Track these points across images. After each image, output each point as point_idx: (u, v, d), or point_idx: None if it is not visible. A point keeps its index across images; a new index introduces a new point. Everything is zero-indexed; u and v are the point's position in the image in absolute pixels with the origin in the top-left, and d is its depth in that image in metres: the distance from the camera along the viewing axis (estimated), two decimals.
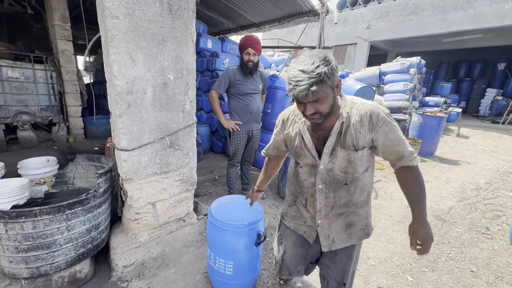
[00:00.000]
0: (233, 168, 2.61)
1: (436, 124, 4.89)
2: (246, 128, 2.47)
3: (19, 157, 3.71)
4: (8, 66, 3.73)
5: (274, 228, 2.30)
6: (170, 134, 1.86)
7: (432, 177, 3.94)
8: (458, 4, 8.68)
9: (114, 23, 1.44)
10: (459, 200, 3.16)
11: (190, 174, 2.10)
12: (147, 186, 1.84)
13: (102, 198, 1.67)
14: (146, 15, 1.55)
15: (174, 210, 2.08)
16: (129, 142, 1.65)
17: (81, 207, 1.51)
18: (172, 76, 1.78)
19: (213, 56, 4.29)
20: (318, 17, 4.28)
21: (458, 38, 10.05)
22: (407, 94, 6.90)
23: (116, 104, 1.56)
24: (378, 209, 2.82)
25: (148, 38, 1.59)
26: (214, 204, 1.58)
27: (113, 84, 1.53)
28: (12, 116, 3.90)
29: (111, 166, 1.82)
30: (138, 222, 1.87)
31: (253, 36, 2.31)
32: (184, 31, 1.77)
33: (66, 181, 2.06)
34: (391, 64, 7.74)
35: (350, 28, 11.66)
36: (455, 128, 8.12)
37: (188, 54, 1.83)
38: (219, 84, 2.33)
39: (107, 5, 1.39)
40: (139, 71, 1.60)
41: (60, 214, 1.42)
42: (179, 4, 1.70)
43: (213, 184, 3.13)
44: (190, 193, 2.18)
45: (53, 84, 4.22)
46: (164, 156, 1.86)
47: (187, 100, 1.91)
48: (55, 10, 4.09)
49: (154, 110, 1.73)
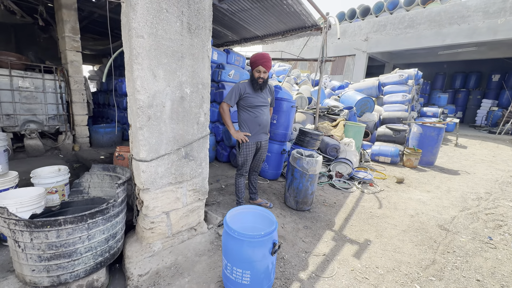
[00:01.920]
0: (242, 178, 2.67)
1: (436, 135, 5.01)
2: (255, 139, 2.55)
3: (27, 165, 3.75)
4: (19, 76, 3.81)
5: (284, 237, 2.35)
6: (186, 145, 1.93)
7: (434, 187, 4.01)
8: (452, 18, 9.02)
9: (139, 42, 1.53)
10: (461, 209, 3.23)
11: (202, 184, 2.16)
12: (162, 196, 1.89)
13: (120, 207, 1.72)
14: (168, 34, 1.65)
15: (187, 219, 2.12)
16: (148, 153, 1.71)
17: (102, 216, 1.56)
18: (189, 90, 1.86)
19: (219, 67, 4.41)
20: (321, 32, 4.45)
21: (454, 51, 10.38)
22: (406, 104, 7.07)
23: (137, 117, 1.63)
24: (383, 218, 2.88)
25: (168, 55, 1.68)
26: (228, 214, 1.64)
27: (135, 98, 1.60)
28: (20, 124, 3.96)
29: (128, 176, 1.87)
30: (153, 231, 1.91)
31: (264, 54, 2.40)
32: (201, 48, 1.87)
33: (81, 190, 2.11)
34: (390, 76, 7.95)
35: (348, 40, 11.99)
36: (453, 138, 8.27)
37: (204, 69, 1.93)
38: (230, 97, 2.42)
39: (133, 25, 1.49)
40: (160, 86, 1.68)
41: (82, 223, 1.46)
42: (198, 24, 1.80)
43: (221, 194, 3.18)
44: (201, 203, 2.23)
45: (61, 93, 4.30)
46: (179, 166, 1.93)
47: (201, 113, 1.99)
48: (66, 23, 4.22)
49: (171, 123, 1.80)
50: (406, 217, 2.95)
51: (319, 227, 2.59)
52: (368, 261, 2.11)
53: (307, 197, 2.81)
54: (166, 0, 1.60)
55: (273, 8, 3.99)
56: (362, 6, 13.49)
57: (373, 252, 2.24)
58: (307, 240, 2.33)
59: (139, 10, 1.49)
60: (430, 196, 3.64)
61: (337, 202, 3.21)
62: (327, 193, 3.50)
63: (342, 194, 3.51)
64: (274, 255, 1.53)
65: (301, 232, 2.47)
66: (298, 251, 2.16)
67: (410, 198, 3.50)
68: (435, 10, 9.49)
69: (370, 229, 2.64)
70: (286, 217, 2.73)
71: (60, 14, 4.23)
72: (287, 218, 2.71)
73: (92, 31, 6.93)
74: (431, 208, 3.22)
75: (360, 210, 3.06)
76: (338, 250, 2.23)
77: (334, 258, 2.12)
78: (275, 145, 3.61)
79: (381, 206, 3.20)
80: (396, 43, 10.51)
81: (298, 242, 2.30)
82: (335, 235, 2.47)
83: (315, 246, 2.26)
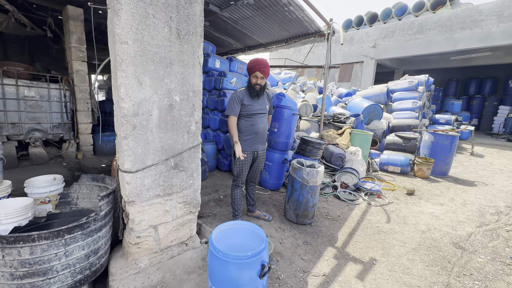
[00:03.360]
0: (238, 189, 2.54)
1: (449, 143, 4.74)
2: (251, 148, 2.43)
3: (29, 173, 3.77)
4: (25, 85, 3.89)
5: (281, 254, 2.19)
6: (175, 155, 1.84)
7: (447, 199, 3.74)
8: (464, 23, 8.75)
9: (123, 48, 1.47)
10: (479, 225, 2.96)
11: (194, 196, 2.05)
12: (150, 209, 1.79)
13: (103, 221, 1.63)
14: (154, 40, 1.58)
15: (177, 234, 2.01)
16: (132, 164, 1.63)
17: (81, 231, 1.47)
18: (179, 98, 1.78)
19: (221, 75, 4.37)
20: (324, 38, 4.35)
21: (467, 56, 10.03)
22: (417, 112, 6.80)
23: (121, 126, 1.56)
24: (390, 234, 2.67)
25: (156, 61, 1.62)
26: (215, 231, 1.51)
27: (120, 107, 1.53)
28: (25, 133, 4.01)
29: (114, 187, 1.79)
30: (139, 246, 1.80)
31: (261, 60, 2.32)
32: (192, 54, 1.80)
33: (69, 202, 2.04)
34: (399, 82, 7.72)
35: (356, 47, 11.85)
36: (468, 146, 7.87)
37: (195, 76, 1.85)
38: (233, 108, 2.33)
39: (117, 31, 1.43)
40: (146, 93, 1.61)
41: (58, 239, 1.38)
42: (188, 29, 1.74)
43: (218, 205, 3.05)
44: (193, 216, 2.11)
45: (66, 102, 4.36)
46: (168, 177, 1.83)
47: (192, 121, 1.90)
48: (73, 33, 4.32)
49: (159, 132, 1.72)
50: (417, 233, 2.73)
51: (320, 243, 2.42)
52: (373, 283, 1.92)
53: (308, 210, 2.65)
54: (153, 5, 1.54)
55: (275, 15, 3.94)
56: (370, 13, 13.37)
57: (378, 273, 2.04)
58: (306, 258, 2.16)
59: (123, 16, 1.43)
60: (444, 209, 3.38)
61: (341, 215, 3.02)
62: (331, 205, 3.31)
63: (347, 206, 3.31)
64: (264, 278, 1.38)
65: (300, 248, 2.30)
66: (295, 270, 2.00)
67: (422, 212, 3.26)
68: (445, 15, 9.25)
69: (376, 246, 2.43)
70: (285, 231, 2.57)
71: (68, 25, 4.34)
72: (286, 232, 2.55)
73: (101, 41, 7.15)
74: (444, 223, 2.97)
75: (366, 224, 2.85)
76: (340, 270, 2.05)
77: (335, 279, 1.94)
78: (276, 154, 3.48)
79: (389, 220, 2.99)
80: (405, 49, 10.28)
81: (297, 260, 2.13)
82: (338, 252, 2.29)
83: (315, 264, 2.09)
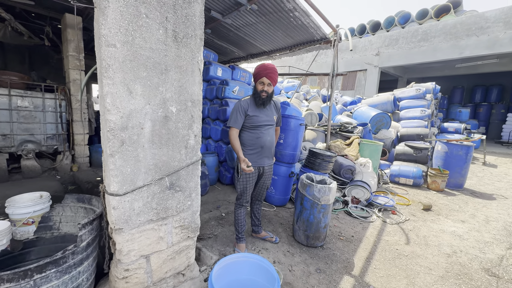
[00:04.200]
0: (242, 209, 2.29)
1: (464, 154, 4.47)
2: (256, 164, 2.19)
3: (18, 188, 3.54)
4: (18, 95, 3.72)
5: (291, 285, 1.91)
6: (171, 174, 1.60)
7: (468, 215, 3.45)
8: (470, 30, 8.62)
9: (110, 52, 1.26)
10: (508, 247, 2.67)
11: (192, 219, 1.80)
12: (140, 236, 1.55)
13: (84, 253, 1.38)
14: (147, 43, 1.38)
15: (172, 263, 1.75)
16: (120, 185, 1.39)
17: (55, 268, 1.22)
18: (175, 109, 1.57)
19: (223, 84, 4.19)
20: (331, 45, 4.18)
21: (473, 63, 9.87)
22: (425, 120, 6.57)
23: (107, 141, 1.33)
24: (412, 258, 2.38)
25: (149, 67, 1.41)
26: (217, 267, 1.27)
27: (105, 119, 1.31)
28: (17, 145, 3.81)
29: (99, 212, 1.55)
30: (127, 281, 1.55)
31: (269, 65, 2.11)
32: (190, 59, 1.59)
33: (51, 226, 1.80)
34: (406, 90, 7.53)
35: (359, 55, 11.75)
36: (479, 156, 7.57)
37: (194, 84, 1.64)
38: (236, 119, 2.10)
39: (103, 32, 1.23)
40: (137, 104, 1.39)
41: (26, 281, 1.13)
42: (186, 31, 1.54)
43: (220, 224, 2.79)
44: (191, 241, 1.86)
45: (61, 112, 4.18)
46: (162, 199, 1.59)
47: (191, 135, 1.68)
48: (70, 42, 4.18)
49: (152, 148, 1.49)
50: (442, 256, 2.44)
51: (335, 270, 2.14)
52: None
53: (320, 231, 2.38)
54: (146, 4, 1.35)
55: (280, 21, 3.78)
56: (372, 22, 13.36)
57: None
58: None
59: (110, 15, 1.23)
60: (466, 227, 3.09)
61: (355, 235, 2.74)
62: (342, 222, 3.04)
63: (360, 224, 3.03)
64: None
65: (313, 277, 2.02)
66: None
67: (443, 231, 2.97)
68: (450, 23, 9.15)
69: (398, 273, 2.15)
70: (294, 255, 2.30)
71: (65, 34, 4.21)
72: (296, 257, 2.27)
73: None
74: (470, 245, 2.68)
75: (384, 246, 2.57)
76: None
77: None
78: (282, 167, 3.23)
79: (408, 241, 2.70)
80: (409, 57, 10.15)
81: None
82: (356, 282, 2.00)
83: None
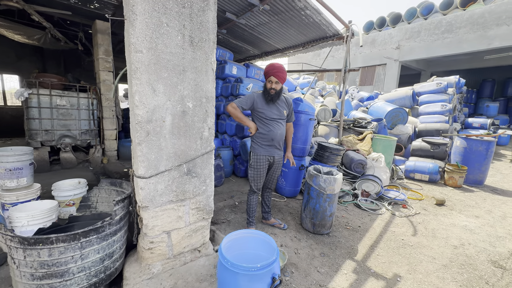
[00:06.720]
0: (254, 196, 2.50)
1: (484, 149, 4.33)
2: (267, 153, 2.38)
3: (59, 177, 4.01)
4: (57, 95, 4.20)
5: (296, 265, 2.09)
6: (188, 161, 1.84)
7: (484, 211, 3.39)
8: (500, 19, 8.09)
9: (138, 57, 1.51)
10: None
11: (206, 202, 2.04)
12: (163, 214, 1.81)
13: (118, 225, 1.66)
14: (168, 48, 1.62)
15: (189, 240, 2.00)
16: (146, 169, 1.65)
17: (96, 235, 1.51)
18: (192, 104, 1.80)
19: (237, 81, 4.40)
20: (343, 41, 4.23)
21: (504, 54, 9.23)
22: (446, 115, 6.34)
23: (136, 132, 1.59)
24: (417, 248, 2.45)
25: (169, 69, 1.64)
26: (226, 240, 1.48)
27: (134, 113, 1.57)
28: (56, 139, 4.31)
29: (129, 192, 1.83)
30: (152, 252, 1.82)
31: (276, 65, 2.30)
32: (205, 61, 1.81)
33: (89, 205, 2.12)
34: (426, 84, 7.28)
35: (378, 49, 11.43)
36: (507, 153, 7.17)
37: (208, 82, 1.86)
38: (240, 101, 2.30)
39: (132, 41, 1.48)
40: (159, 100, 1.64)
41: (75, 242, 1.42)
42: (201, 36, 1.75)
43: (233, 211, 3.02)
44: (206, 222, 2.10)
45: (93, 110, 4.63)
46: (180, 183, 1.84)
47: (205, 127, 1.91)
48: (100, 46, 4.61)
49: (172, 138, 1.74)
50: (448, 248, 2.48)
51: (339, 255, 2.28)
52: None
53: (325, 219, 2.52)
54: (167, 14, 1.58)
55: (292, 20, 3.91)
56: (392, 14, 12.88)
57: None
58: (323, 271, 2.05)
59: (137, 26, 1.48)
60: (480, 222, 3.06)
61: (362, 226, 2.85)
62: (350, 214, 3.14)
63: (368, 216, 3.12)
64: None
65: (316, 260, 2.19)
66: (311, 284, 1.89)
67: (453, 225, 2.98)
68: (477, 12, 8.63)
69: (401, 261, 2.25)
70: (301, 241, 2.47)
71: (96, 39, 4.65)
72: (302, 242, 2.44)
73: None
74: (481, 238, 2.68)
75: (390, 236, 2.66)
76: (360, 285, 1.91)
77: None
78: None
79: (415, 232, 2.76)
80: (432, 49, 9.72)
81: (313, 272, 2.03)
82: (357, 266, 2.14)
83: (332, 278, 1.97)
